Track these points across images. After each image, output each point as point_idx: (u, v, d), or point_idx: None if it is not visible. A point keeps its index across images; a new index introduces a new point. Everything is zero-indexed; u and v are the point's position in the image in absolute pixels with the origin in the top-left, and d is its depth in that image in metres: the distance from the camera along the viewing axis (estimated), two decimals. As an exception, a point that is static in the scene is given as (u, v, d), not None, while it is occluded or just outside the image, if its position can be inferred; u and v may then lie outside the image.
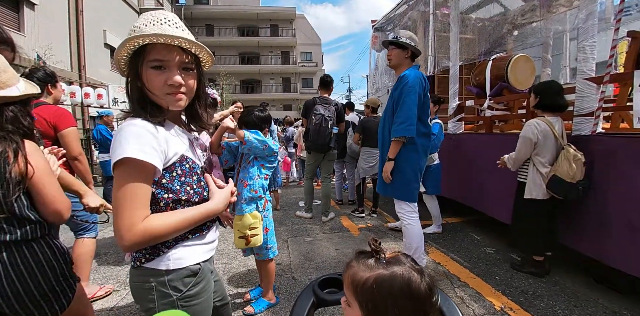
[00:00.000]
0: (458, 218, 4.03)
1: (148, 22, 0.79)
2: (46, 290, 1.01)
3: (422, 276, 0.56)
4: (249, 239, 1.85)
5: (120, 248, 0.80)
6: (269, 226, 2.03)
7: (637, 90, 1.98)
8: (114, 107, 7.40)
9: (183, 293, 0.85)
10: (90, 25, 10.56)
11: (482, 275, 2.52)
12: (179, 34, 0.79)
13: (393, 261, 0.58)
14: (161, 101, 0.84)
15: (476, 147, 3.48)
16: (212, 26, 25.95)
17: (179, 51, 0.82)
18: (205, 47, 0.87)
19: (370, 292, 0.55)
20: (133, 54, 0.81)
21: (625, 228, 2.03)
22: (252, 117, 1.97)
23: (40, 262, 1.01)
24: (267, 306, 2.07)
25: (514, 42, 4.73)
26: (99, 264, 2.78)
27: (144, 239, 0.74)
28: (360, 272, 0.57)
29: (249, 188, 1.91)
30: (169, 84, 0.82)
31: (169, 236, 0.80)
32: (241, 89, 26.69)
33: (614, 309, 2.02)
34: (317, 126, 3.69)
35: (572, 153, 2.19)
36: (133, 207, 0.74)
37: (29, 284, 0.97)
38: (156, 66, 0.80)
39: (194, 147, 0.95)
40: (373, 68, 6.68)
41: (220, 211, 0.91)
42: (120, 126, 0.80)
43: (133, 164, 0.74)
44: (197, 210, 0.85)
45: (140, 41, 0.77)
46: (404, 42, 2.36)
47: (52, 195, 1.03)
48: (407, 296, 0.54)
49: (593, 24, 2.27)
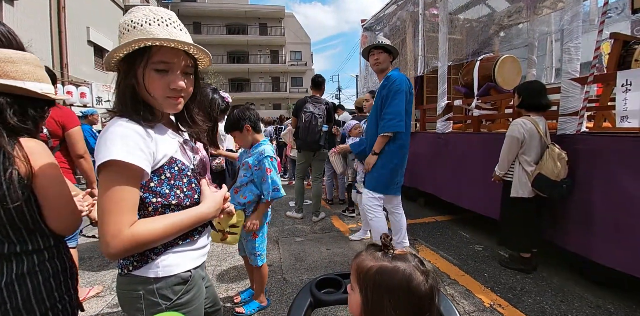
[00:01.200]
0: (447, 216, 4.08)
1: (151, 21, 0.76)
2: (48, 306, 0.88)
3: (426, 277, 0.59)
4: (225, 236, 1.80)
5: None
6: (258, 233, 1.95)
7: (619, 90, 2.03)
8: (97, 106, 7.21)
9: (173, 302, 0.82)
10: (73, 22, 10.26)
11: (471, 272, 2.55)
12: (187, 39, 0.78)
13: (399, 258, 0.61)
14: (158, 103, 0.81)
15: (464, 146, 3.52)
16: (199, 24, 25.57)
17: (184, 56, 0.80)
18: (209, 52, 0.86)
19: (371, 280, 0.59)
20: (132, 52, 0.76)
21: (609, 224, 2.09)
22: (230, 120, 1.87)
23: (37, 277, 0.89)
24: (257, 309, 2.05)
25: (501, 43, 4.82)
26: (82, 269, 2.68)
27: (131, 247, 0.70)
28: (366, 261, 0.62)
29: (238, 194, 1.90)
30: (172, 88, 0.79)
31: (158, 243, 0.76)
32: (230, 87, 26.40)
33: (598, 303, 2.08)
34: (306, 123, 3.68)
35: (556, 152, 2.24)
36: (119, 212, 0.70)
37: (31, 298, 0.86)
38: (160, 68, 0.78)
39: (184, 149, 0.92)
40: (364, 67, 6.69)
41: (212, 215, 0.88)
42: (106, 127, 0.75)
43: (119, 167, 0.70)
44: (187, 214, 0.81)
45: (150, 43, 0.74)
46: (392, 47, 2.52)
47: (57, 205, 0.88)
48: (405, 290, 0.57)
49: (578, 25, 2.33)
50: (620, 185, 2.03)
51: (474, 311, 2.02)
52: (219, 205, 0.91)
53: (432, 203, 4.41)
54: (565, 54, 2.42)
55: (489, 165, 2.74)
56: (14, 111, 0.86)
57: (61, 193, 0.88)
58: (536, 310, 2.03)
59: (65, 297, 0.94)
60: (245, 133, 1.86)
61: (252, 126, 1.87)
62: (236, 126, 1.85)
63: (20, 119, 0.89)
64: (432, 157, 4.01)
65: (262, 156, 1.82)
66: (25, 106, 0.90)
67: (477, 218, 3.42)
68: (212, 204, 0.88)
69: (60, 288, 0.93)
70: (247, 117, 1.85)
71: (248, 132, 1.86)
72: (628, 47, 2.58)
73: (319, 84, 3.98)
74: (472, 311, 2.02)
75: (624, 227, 2.00)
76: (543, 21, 4.42)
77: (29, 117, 0.91)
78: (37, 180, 0.83)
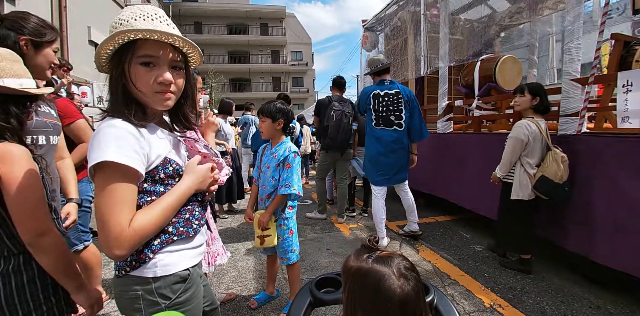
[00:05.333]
0: (447, 216, 4.08)
1: (137, 17, 0.75)
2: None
3: (405, 281, 0.58)
4: (263, 239, 1.87)
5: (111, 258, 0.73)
6: (294, 229, 2.00)
7: (620, 91, 2.03)
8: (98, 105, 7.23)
9: (172, 301, 0.82)
10: (74, 22, 10.27)
11: (471, 272, 2.55)
12: (172, 32, 0.76)
13: (381, 260, 0.61)
14: (148, 100, 0.80)
15: (465, 147, 3.52)
16: (200, 24, 25.58)
17: (170, 49, 0.79)
18: (197, 46, 0.85)
19: (350, 279, 0.62)
20: (119, 49, 0.76)
21: (610, 224, 2.09)
22: (270, 106, 1.92)
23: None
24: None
25: (502, 43, 4.82)
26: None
27: (135, 243, 0.71)
28: (350, 261, 0.64)
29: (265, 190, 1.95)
30: (159, 82, 0.78)
31: (158, 230, 0.77)
32: (230, 87, 26.41)
33: (598, 304, 2.08)
34: (337, 121, 3.59)
35: (559, 154, 2.24)
36: (118, 213, 0.70)
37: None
38: (145, 62, 0.76)
39: (178, 148, 0.91)
40: (364, 68, 6.69)
41: (198, 187, 0.88)
42: (99, 127, 0.74)
43: (114, 169, 0.70)
44: (173, 193, 0.82)
45: (132, 35, 0.73)
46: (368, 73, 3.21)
47: (15, 215, 0.84)
48: (373, 291, 0.58)
49: (579, 26, 2.33)
50: (621, 185, 2.03)
51: (474, 312, 2.02)
52: (203, 177, 0.90)
53: (432, 203, 4.40)
54: (566, 55, 2.41)
55: (489, 165, 2.73)
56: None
57: (19, 205, 0.84)
58: (536, 310, 2.03)
59: (51, 299, 0.92)
60: (275, 125, 1.91)
61: (284, 124, 1.94)
62: (273, 115, 1.90)
63: (3, 118, 0.88)
64: (433, 157, 4.00)
65: (289, 151, 1.89)
66: (6, 104, 0.89)
67: (477, 218, 3.42)
68: (195, 176, 0.87)
69: (47, 290, 0.91)
70: (286, 114, 1.93)
71: (279, 126, 1.92)
72: (629, 47, 2.57)
73: (342, 85, 4.01)
74: (472, 312, 2.02)
75: (625, 227, 2.00)
76: (544, 22, 4.42)
77: (12, 116, 0.90)
78: (1, 186, 0.82)
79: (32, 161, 0.89)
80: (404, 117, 2.99)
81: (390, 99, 2.98)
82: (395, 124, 3.00)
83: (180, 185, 0.84)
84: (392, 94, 2.99)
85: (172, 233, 0.83)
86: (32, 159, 0.90)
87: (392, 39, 5.45)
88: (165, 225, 0.80)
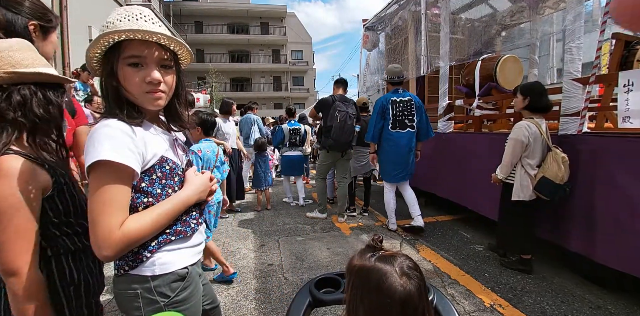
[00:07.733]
0: (448, 216, 4.08)
1: (122, 18, 0.75)
2: None
3: (407, 279, 0.58)
4: None
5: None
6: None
7: (621, 91, 2.03)
8: (99, 105, 7.23)
9: (171, 299, 0.82)
10: (75, 21, 10.26)
11: (472, 272, 2.55)
12: (156, 30, 0.75)
13: (384, 259, 0.61)
14: (139, 100, 0.80)
15: (465, 146, 3.52)
16: (201, 23, 25.57)
17: (157, 47, 0.78)
18: (184, 43, 0.84)
19: (353, 277, 0.62)
20: (107, 51, 0.76)
21: (611, 224, 2.08)
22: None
23: None
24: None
25: (502, 42, 4.80)
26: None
27: (124, 246, 0.71)
28: (353, 260, 0.65)
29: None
30: (148, 82, 0.77)
31: (149, 236, 0.77)
32: (231, 87, 26.42)
33: (598, 304, 2.07)
34: (342, 122, 3.57)
35: (560, 155, 2.23)
36: (109, 214, 0.70)
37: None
38: (133, 62, 0.76)
39: (175, 148, 0.91)
40: (364, 67, 6.69)
41: (198, 198, 0.88)
42: (93, 129, 0.74)
43: (108, 167, 0.70)
44: (171, 202, 0.81)
45: (116, 37, 0.72)
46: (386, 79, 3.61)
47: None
48: (374, 289, 0.58)
49: (580, 25, 2.32)
50: (622, 185, 2.02)
51: (474, 311, 2.02)
52: (204, 187, 0.90)
53: (433, 203, 4.40)
54: (567, 54, 2.41)
55: (490, 165, 2.73)
56: (38, 101, 0.83)
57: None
58: (536, 310, 2.03)
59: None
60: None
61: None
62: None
63: (45, 107, 0.85)
64: (433, 157, 4.00)
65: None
66: (45, 92, 0.86)
67: (478, 218, 3.42)
68: (195, 187, 0.87)
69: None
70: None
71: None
72: (630, 47, 2.56)
73: (346, 83, 4.02)
74: (472, 311, 2.02)
75: (626, 227, 2.00)
76: (545, 21, 4.40)
77: (53, 104, 0.87)
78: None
79: (33, 180, 0.79)
80: (416, 120, 3.39)
81: (404, 105, 3.39)
82: (409, 126, 3.39)
83: (180, 194, 0.84)
84: (405, 100, 3.41)
85: (170, 233, 0.83)
86: (34, 178, 0.80)
87: (392, 39, 5.44)
88: (158, 231, 0.79)
